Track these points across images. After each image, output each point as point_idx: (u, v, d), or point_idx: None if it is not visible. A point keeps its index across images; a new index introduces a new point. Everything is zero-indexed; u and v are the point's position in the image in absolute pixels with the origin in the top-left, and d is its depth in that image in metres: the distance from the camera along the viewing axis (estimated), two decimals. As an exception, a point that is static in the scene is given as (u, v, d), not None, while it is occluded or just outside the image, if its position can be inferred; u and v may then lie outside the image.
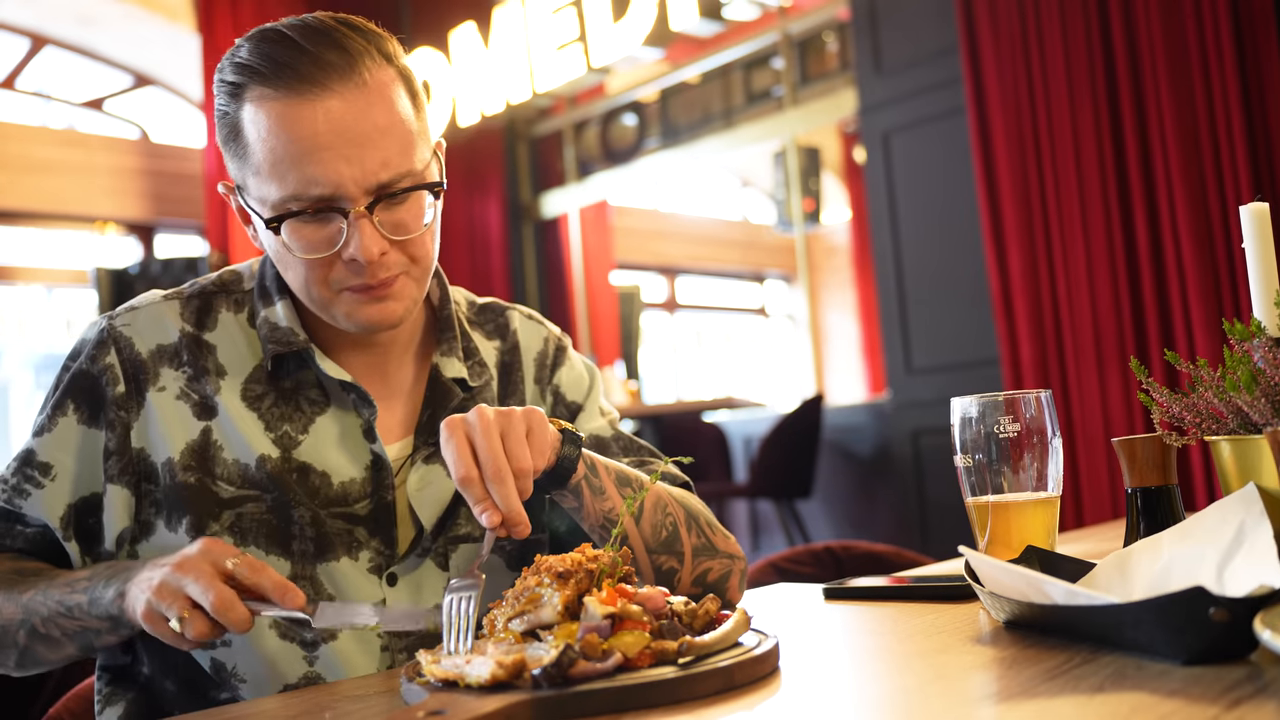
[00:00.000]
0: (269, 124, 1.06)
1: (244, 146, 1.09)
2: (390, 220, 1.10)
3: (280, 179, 1.07)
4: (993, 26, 4.05)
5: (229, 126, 1.10)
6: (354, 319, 1.13)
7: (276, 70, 1.06)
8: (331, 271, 1.10)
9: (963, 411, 1.17)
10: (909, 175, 4.57)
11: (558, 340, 1.37)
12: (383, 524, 1.16)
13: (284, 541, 1.13)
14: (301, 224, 1.08)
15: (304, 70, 1.06)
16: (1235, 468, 1.00)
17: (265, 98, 1.07)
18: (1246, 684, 0.67)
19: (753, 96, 6.57)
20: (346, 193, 1.06)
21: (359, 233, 1.07)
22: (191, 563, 0.96)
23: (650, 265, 9.87)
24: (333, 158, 1.05)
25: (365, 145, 1.07)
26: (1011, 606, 0.90)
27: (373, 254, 1.08)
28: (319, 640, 1.12)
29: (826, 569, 1.94)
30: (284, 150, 1.06)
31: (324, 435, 1.17)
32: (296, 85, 1.05)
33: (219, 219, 6.23)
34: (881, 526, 5.27)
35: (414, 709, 0.75)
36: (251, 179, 1.10)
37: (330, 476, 1.15)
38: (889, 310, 4.66)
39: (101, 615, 1.04)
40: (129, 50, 7.06)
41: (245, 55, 1.09)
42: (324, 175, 1.06)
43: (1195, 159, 3.58)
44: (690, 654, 0.81)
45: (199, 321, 1.20)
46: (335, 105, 1.06)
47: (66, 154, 6.63)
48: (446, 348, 1.25)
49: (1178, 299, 3.63)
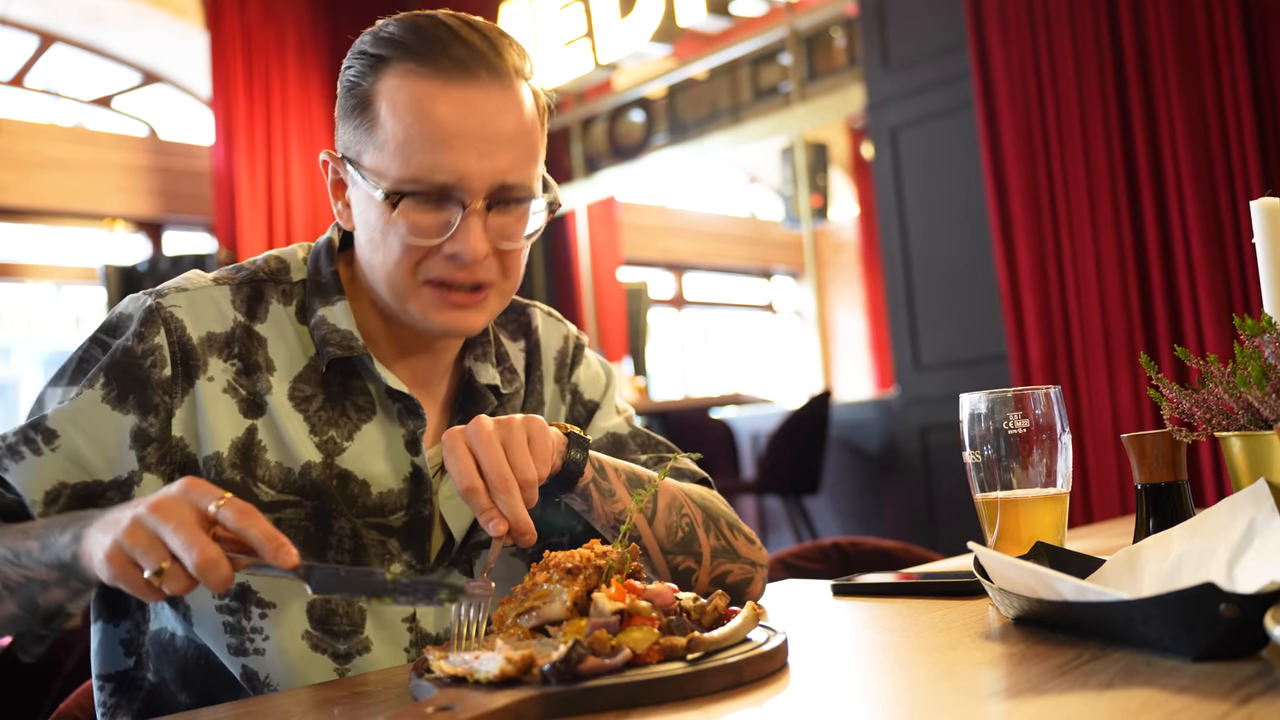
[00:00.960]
0: (409, 100, 1.05)
1: (373, 118, 1.07)
2: (498, 225, 1.09)
3: (406, 158, 1.05)
4: (1001, 21, 4.04)
5: (358, 98, 1.09)
6: (430, 318, 1.11)
7: (429, 48, 1.05)
8: (426, 260, 1.08)
9: (972, 407, 1.17)
10: (917, 171, 4.56)
11: (576, 339, 1.37)
12: (416, 536, 1.14)
13: (320, 551, 1.10)
14: (415, 206, 1.06)
15: (456, 54, 1.05)
16: (1246, 464, 1.00)
17: (411, 73, 1.05)
18: (1257, 680, 0.67)
19: (760, 92, 6.56)
20: (469, 186, 1.06)
21: (469, 228, 1.06)
22: (170, 505, 0.85)
23: (658, 261, 9.86)
24: (464, 148, 1.05)
25: (498, 144, 1.06)
26: (1021, 603, 0.90)
27: (478, 253, 1.07)
28: (352, 652, 1.10)
29: (834, 565, 1.94)
30: (419, 130, 1.04)
31: (368, 444, 1.14)
32: (447, 67, 1.05)
33: (227, 216, 6.24)
34: (890, 523, 5.26)
35: (423, 704, 0.75)
36: (372, 152, 1.07)
37: (370, 486, 1.13)
38: (897, 306, 4.65)
39: (51, 563, 0.93)
40: (137, 48, 7.08)
41: (394, 30, 1.08)
42: (452, 164, 1.05)
43: (1205, 154, 3.56)
44: (699, 650, 0.81)
45: (250, 311, 1.14)
46: (479, 97, 1.05)
47: (75, 151, 6.65)
48: (480, 352, 1.23)
49: (1187, 295, 3.62)
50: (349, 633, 1.10)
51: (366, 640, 1.11)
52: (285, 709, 0.89)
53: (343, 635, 1.10)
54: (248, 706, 0.93)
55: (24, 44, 6.82)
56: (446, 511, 1.16)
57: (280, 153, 6.40)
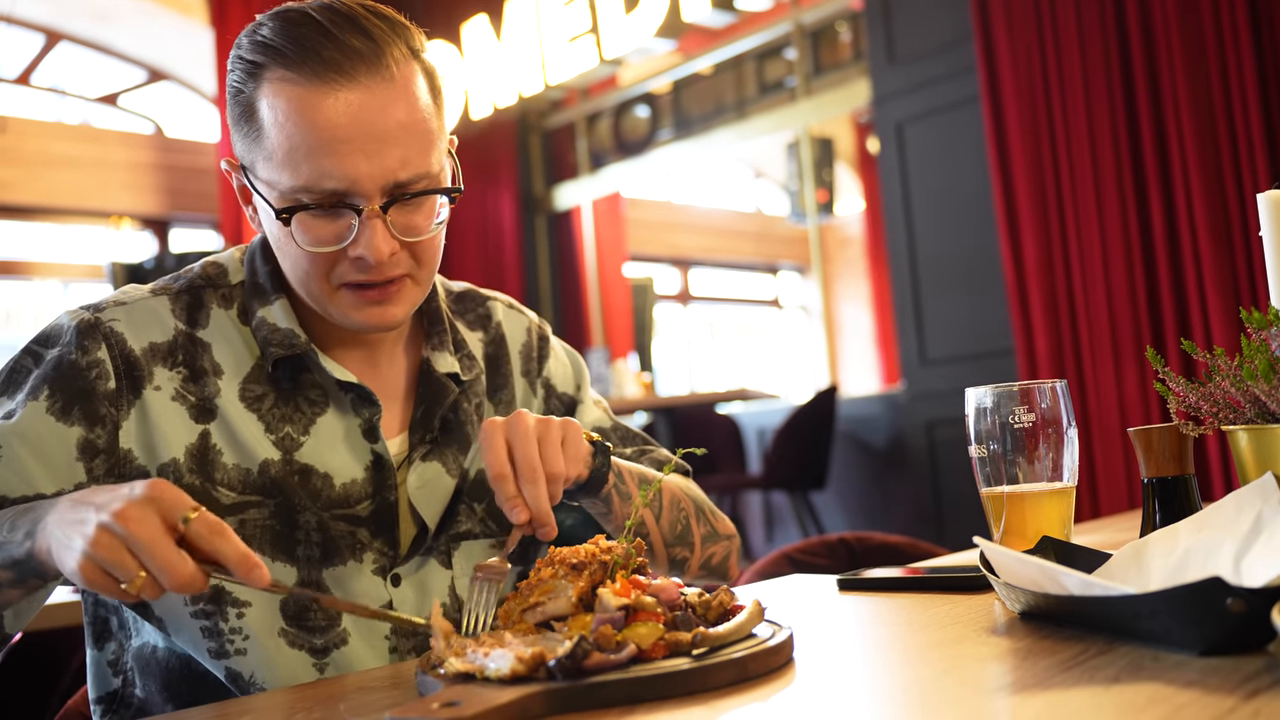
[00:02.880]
0: (287, 109, 1.02)
1: (257, 128, 1.04)
2: (402, 221, 1.06)
3: (294, 168, 1.02)
4: (1006, 14, 4.02)
5: (242, 105, 1.05)
6: (351, 318, 1.09)
7: (300, 53, 1.01)
8: (335, 266, 1.06)
9: (977, 402, 1.17)
10: (923, 165, 4.55)
11: (539, 330, 1.36)
12: (385, 524, 1.14)
13: (289, 548, 1.10)
14: (311, 217, 1.04)
15: (329, 56, 1.01)
16: (1253, 457, 1.00)
17: (285, 80, 1.02)
18: (1264, 675, 0.67)
19: (765, 87, 6.55)
20: (362, 189, 1.02)
21: (370, 231, 1.03)
22: (136, 514, 0.82)
23: (663, 257, 9.86)
24: (351, 152, 1.01)
25: (386, 142, 1.02)
26: (1027, 597, 0.90)
27: (383, 254, 1.04)
28: (329, 646, 1.10)
29: (841, 560, 1.94)
30: (301, 139, 1.01)
31: (325, 436, 1.13)
32: (320, 71, 1.01)
33: (233, 213, 6.25)
34: (896, 518, 5.26)
35: (429, 700, 0.75)
36: (262, 162, 1.05)
37: (332, 478, 1.12)
38: (903, 301, 4.64)
39: (4, 561, 0.91)
40: (143, 45, 7.09)
41: (267, 34, 1.04)
42: (340, 170, 1.01)
43: (1212, 146, 3.55)
44: (704, 645, 0.81)
45: (191, 319, 1.13)
46: (358, 97, 1.01)
47: (81, 149, 6.66)
48: (437, 341, 1.22)
49: (1194, 288, 3.61)
50: (324, 627, 1.10)
51: (344, 633, 1.11)
52: (290, 705, 0.89)
53: (319, 630, 1.10)
54: (254, 702, 0.93)
55: (30, 42, 6.83)
56: (417, 500, 1.16)
57: (286, 150, 6.40)
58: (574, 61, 5.95)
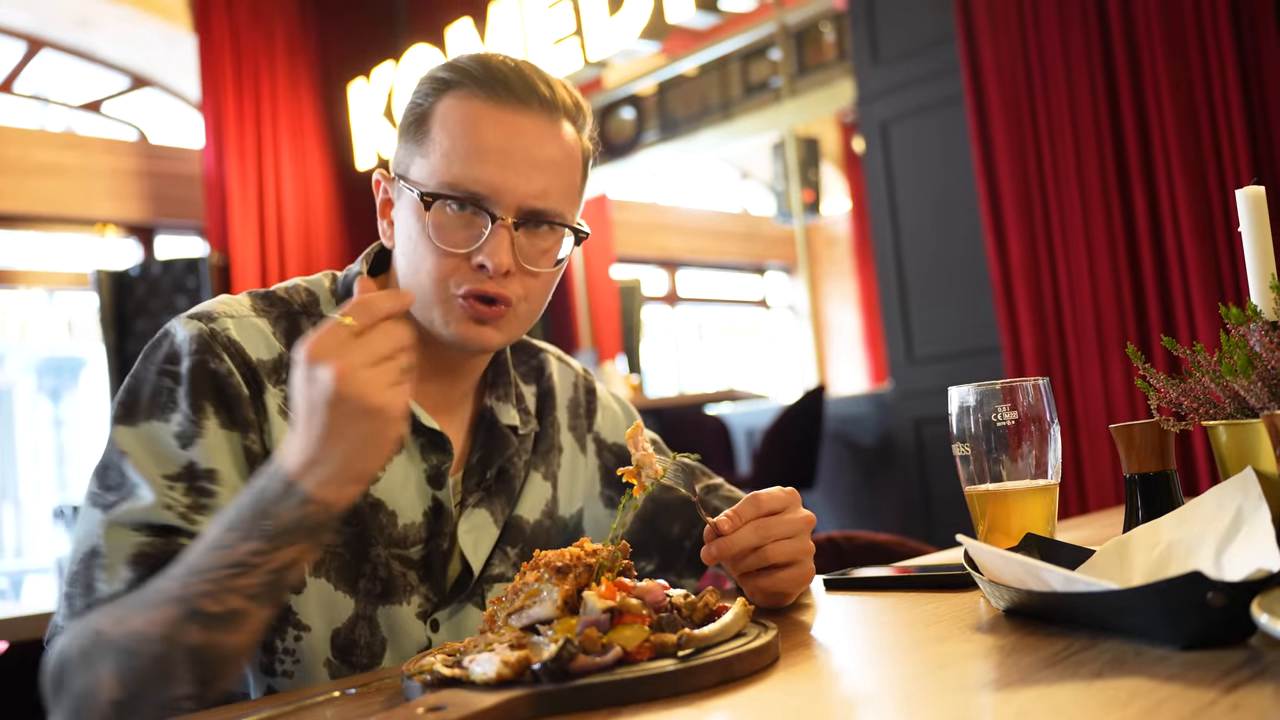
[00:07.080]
0: (459, 117, 1.10)
1: (425, 132, 1.12)
2: (526, 245, 1.11)
3: (448, 167, 1.09)
4: (989, 13, 4.04)
5: (415, 116, 1.13)
6: (452, 329, 1.11)
7: (490, 79, 1.11)
8: (455, 273, 1.10)
9: (960, 400, 1.17)
10: (908, 165, 4.57)
11: (586, 382, 1.39)
12: (433, 570, 1.16)
13: (352, 579, 1.11)
14: (448, 213, 1.09)
15: (515, 87, 1.11)
16: (1233, 452, 1.00)
17: (470, 96, 1.11)
18: (1244, 668, 0.67)
19: (750, 88, 6.56)
20: (501, 200, 1.08)
21: (497, 241, 1.08)
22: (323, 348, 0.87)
23: (650, 258, 9.86)
24: (503, 165, 1.08)
25: (536, 168, 1.10)
26: (1010, 594, 0.90)
27: (502, 265, 1.08)
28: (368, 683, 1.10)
29: (829, 559, 1.94)
30: (465, 143, 1.09)
31: (398, 474, 1.15)
32: (501, 94, 1.10)
33: (219, 219, 6.23)
34: (885, 516, 5.27)
35: (414, 705, 0.75)
36: (418, 162, 1.11)
37: (397, 517, 1.14)
38: (890, 300, 4.66)
39: (286, 527, 0.90)
40: (126, 52, 7.06)
41: (465, 61, 1.13)
42: (488, 176, 1.08)
43: (1194, 143, 3.57)
44: (690, 646, 0.81)
45: (289, 344, 1.14)
46: (527, 123, 1.10)
47: (65, 157, 6.63)
48: (503, 392, 1.26)
49: (1179, 284, 3.62)
50: (366, 665, 1.12)
51: (383, 674, 1.11)
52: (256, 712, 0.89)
53: (360, 667, 1.11)
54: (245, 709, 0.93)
55: (12, 50, 6.80)
56: (465, 545, 1.18)
57: (271, 154, 6.39)
58: (559, 64, 5.95)
